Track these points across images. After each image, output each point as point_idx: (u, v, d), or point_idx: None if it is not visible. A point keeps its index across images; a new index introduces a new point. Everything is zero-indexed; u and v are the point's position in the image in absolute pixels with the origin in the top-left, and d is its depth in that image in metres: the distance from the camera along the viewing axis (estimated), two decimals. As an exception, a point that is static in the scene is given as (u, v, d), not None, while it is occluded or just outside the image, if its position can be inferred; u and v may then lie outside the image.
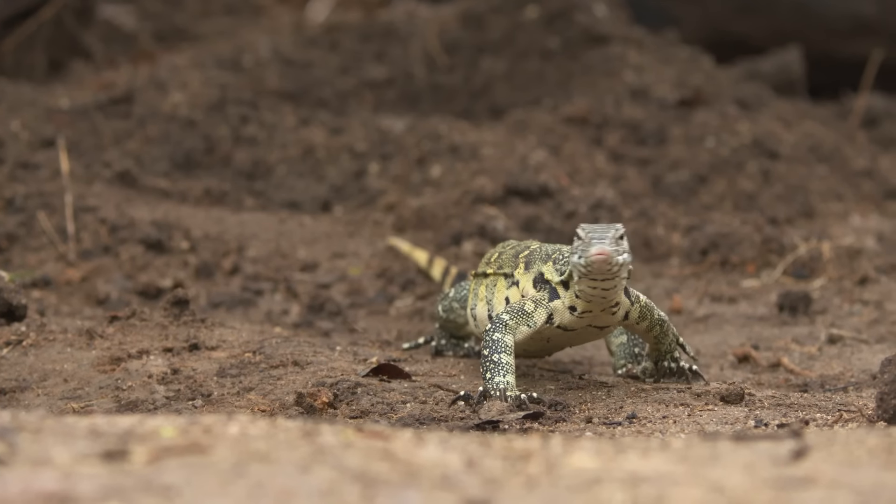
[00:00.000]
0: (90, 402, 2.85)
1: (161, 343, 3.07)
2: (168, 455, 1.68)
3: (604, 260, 2.29)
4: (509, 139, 4.98)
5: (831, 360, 3.32)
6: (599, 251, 2.28)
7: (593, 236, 2.28)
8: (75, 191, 4.44)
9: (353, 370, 2.89)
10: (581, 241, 2.30)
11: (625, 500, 1.50)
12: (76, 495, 1.46)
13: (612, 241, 2.28)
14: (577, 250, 2.30)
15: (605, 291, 2.36)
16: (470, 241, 4.42)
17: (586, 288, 2.33)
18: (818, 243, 4.27)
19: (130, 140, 5.00)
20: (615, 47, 5.47)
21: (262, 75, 5.46)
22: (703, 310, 3.96)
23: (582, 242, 2.30)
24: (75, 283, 4.05)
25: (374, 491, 1.51)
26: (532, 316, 2.37)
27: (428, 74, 5.48)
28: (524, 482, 1.60)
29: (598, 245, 2.28)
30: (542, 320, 2.37)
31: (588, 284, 2.33)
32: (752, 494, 1.53)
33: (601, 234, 2.27)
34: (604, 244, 2.28)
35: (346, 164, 5.00)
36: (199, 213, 4.60)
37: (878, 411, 2.27)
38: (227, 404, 2.78)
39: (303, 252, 4.42)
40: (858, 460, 1.76)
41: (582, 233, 2.31)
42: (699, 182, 4.91)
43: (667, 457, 1.78)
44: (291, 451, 1.73)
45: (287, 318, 3.88)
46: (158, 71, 5.33)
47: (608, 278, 2.33)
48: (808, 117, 5.38)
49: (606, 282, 2.34)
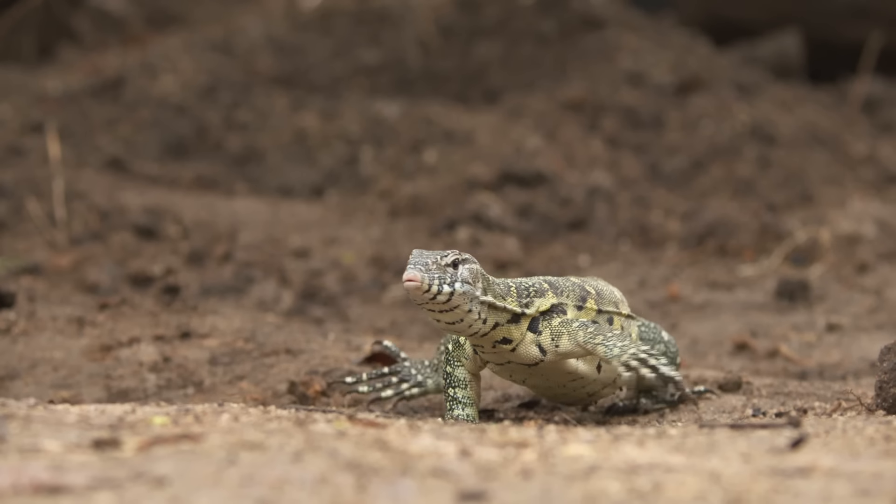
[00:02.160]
0: (80, 391, 2.83)
1: (152, 331, 3.05)
2: (159, 444, 1.67)
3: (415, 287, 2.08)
4: (504, 124, 4.95)
5: (830, 348, 3.31)
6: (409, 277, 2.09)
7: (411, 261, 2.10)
8: (65, 176, 4.41)
9: (346, 358, 2.87)
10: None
11: (621, 489, 1.49)
12: (67, 485, 1.45)
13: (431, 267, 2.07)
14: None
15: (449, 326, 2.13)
16: (464, 227, 4.40)
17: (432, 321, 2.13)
18: (817, 230, 4.26)
19: (121, 125, 4.96)
20: (611, 31, 5.44)
21: (255, 60, 5.41)
22: (700, 297, 3.94)
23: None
24: (65, 270, 4.02)
25: (368, 480, 1.50)
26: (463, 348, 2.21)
27: (422, 59, 5.45)
28: (519, 471, 1.58)
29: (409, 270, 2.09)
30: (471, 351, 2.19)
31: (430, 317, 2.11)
32: (749, 483, 1.52)
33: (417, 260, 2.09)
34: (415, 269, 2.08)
35: (339, 150, 4.98)
36: (190, 199, 4.57)
37: (877, 400, 2.26)
38: (219, 393, 2.77)
39: (295, 239, 4.39)
40: (857, 449, 1.75)
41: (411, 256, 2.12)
42: (696, 168, 4.89)
43: (663, 446, 1.77)
44: (284, 440, 1.71)
45: (279, 305, 3.86)
46: (149, 55, 5.29)
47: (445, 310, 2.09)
48: (806, 102, 5.36)
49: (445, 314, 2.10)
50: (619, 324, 2.29)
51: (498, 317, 2.16)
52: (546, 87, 5.24)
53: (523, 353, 2.19)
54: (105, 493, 1.44)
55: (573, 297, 2.23)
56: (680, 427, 2.07)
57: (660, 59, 5.32)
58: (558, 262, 4.28)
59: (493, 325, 2.16)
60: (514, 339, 2.17)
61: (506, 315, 2.17)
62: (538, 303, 2.19)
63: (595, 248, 4.43)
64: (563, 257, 4.33)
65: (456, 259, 2.13)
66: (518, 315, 2.17)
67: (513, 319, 2.17)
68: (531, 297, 2.20)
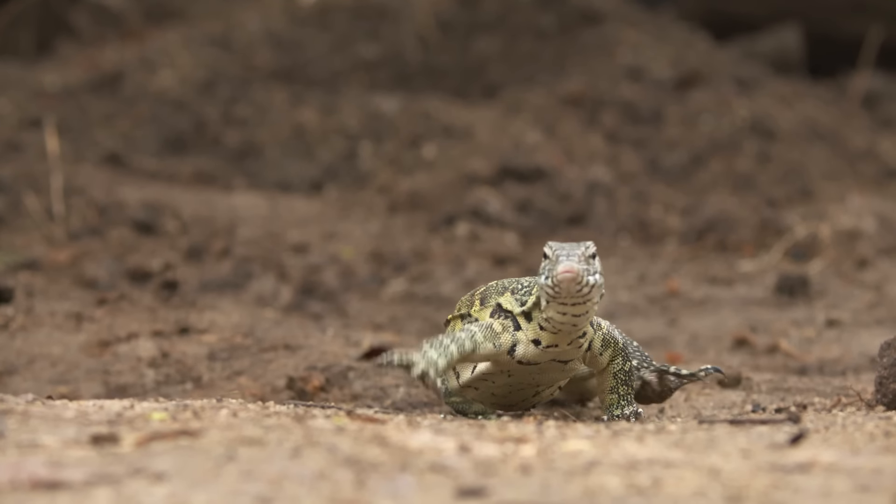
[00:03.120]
0: (78, 386, 2.82)
1: (150, 326, 3.05)
2: (158, 440, 1.66)
3: (572, 278, 2.04)
4: (503, 119, 4.95)
5: (830, 344, 3.30)
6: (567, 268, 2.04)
7: (561, 254, 2.05)
8: (63, 172, 4.40)
9: (345, 354, 2.87)
10: (548, 259, 2.06)
11: (620, 484, 1.49)
12: (65, 481, 1.44)
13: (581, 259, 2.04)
14: (543, 270, 2.06)
15: (575, 318, 2.09)
16: (463, 222, 4.39)
17: (555, 314, 2.07)
18: (817, 225, 4.25)
19: (119, 120, 4.95)
20: (610, 26, 5.43)
21: (253, 55, 5.40)
22: (699, 292, 3.94)
23: (549, 261, 2.06)
24: (63, 266, 4.01)
25: (367, 476, 1.50)
26: (500, 336, 2.13)
27: (421, 54, 5.44)
28: (518, 467, 1.58)
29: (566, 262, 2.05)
30: (508, 346, 2.12)
31: (557, 310, 2.07)
32: (749, 479, 1.51)
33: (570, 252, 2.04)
34: (572, 262, 2.05)
35: (337, 145, 4.97)
36: (188, 194, 4.56)
37: (877, 395, 2.26)
38: (218, 388, 2.76)
39: (294, 234, 4.38)
40: (857, 445, 1.75)
41: (549, 251, 2.07)
42: (696, 162, 4.89)
43: (662, 441, 1.77)
44: (283, 436, 1.71)
45: (278, 300, 3.86)
46: (147, 50, 5.28)
47: (578, 302, 2.07)
48: (806, 97, 5.35)
49: (577, 306, 2.07)
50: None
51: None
52: (545, 81, 5.23)
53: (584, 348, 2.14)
54: (103, 488, 1.43)
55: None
56: (679, 423, 2.07)
57: (659, 53, 5.31)
58: (557, 257, 4.27)
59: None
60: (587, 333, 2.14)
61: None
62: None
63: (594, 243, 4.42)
64: (563, 252, 4.32)
65: (594, 250, 2.11)
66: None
67: None
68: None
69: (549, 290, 2.08)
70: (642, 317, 3.69)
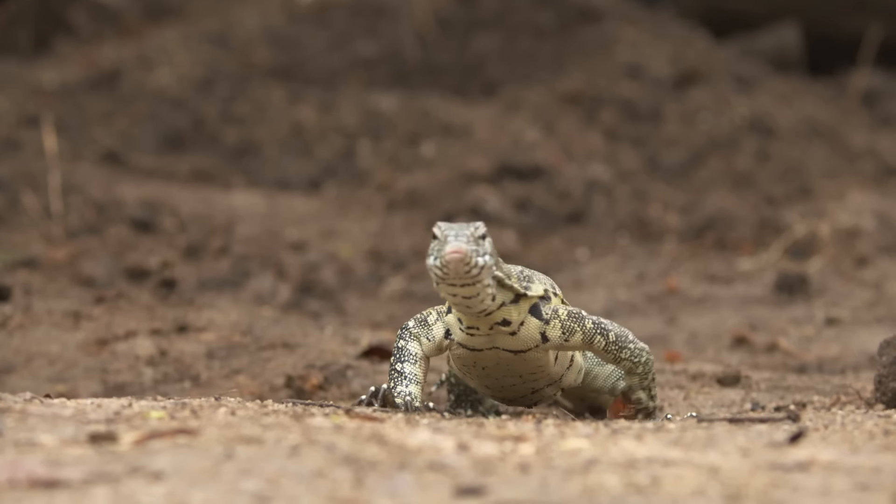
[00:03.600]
0: (76, 385, 2.82)
1: (148, 324, 3.04)
2: (156, 438, 1.66)
3: (460, 259, 2.02)
4: (502, 117, 4.94)
5: (829, 342, 3.30)
6: (455, 249, 2.01)
7: (449, 234, 2.01)
8: (61, 170, 4.39)
9: (343, 352, 2.86)
10: (437, 240, 2.03)
11: (619, 483, 1.48)
12: (63, 480, 1.44)
13: (470, 240, 2.01)
14: (432, 251, 2.02)
15: (466, 301, 2.06)
16: (462, 220, 4.38)
17: (447, 296, 2.05)
18: (816, 223, 4.25)
19: (117, 118, 4.94)
20: (609, 24, 5.42)
21: (251, 52, 5.39)
22: (698, 290, 3.93)
23: (437, 242, 2.02)
24: (61, 264, 4.01)
25: (366, 474, 1.49)
26: (431, 328, 2.14)
27: (420, 51, 5.43)
28: (517, 465, 1.58)
29: (454, 243, 2.02)
30: (441, 334, 2.13)
31: (447, 291, 2.04)
32: (748, 478, 1.51)
33: (458, 232, 2.01)
34: (461, 242, 2.02)
35: (336, 143, 4.96)
36: (186, 192, 4.56)
37: (876, 394, 2.26)
38: (216, 387, 2.76)
39: (292, 232, 4.38)
40: (856, 443, 1.75)
41: (438, 232, 2.03)
42: (695, 161, 4.88)
43: (661, 440, 1.77)
44: (281, 435, 1.70)
45: (276, 298, 3.85)
46: (145, 48, 5.27)
47: (467, 283, 2.04)
48: (805, 95, 5.34)
49: (466, 287, 2.04)
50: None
51: (504, 295, 2.11)
52: (544, 79, 5.23)
53: (524, 337, 2.13)
54: (101, 487, 1.43)
55: (548, 285, 2.19)
56: (678, 421, 2.06)
57: (658, 51, 5.31)
58: (556, 255, 4.27)
59: (499, 304, 2.10)
60: (514, 322, 2.12)
61: (510, 295, 2.11)
62: (534, 288, 2.14)
63: (593, 241, 4.42)
64: (561, 251, 4.32)
65: (485, 231, 2.09)
66: (518, 296, 2.12)
67: (514, 301, 2.12)
68: (528, 280, 2.16)
69: (438, 270, 2.05)
70: (641, 315, 3.68)
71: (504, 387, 2.23)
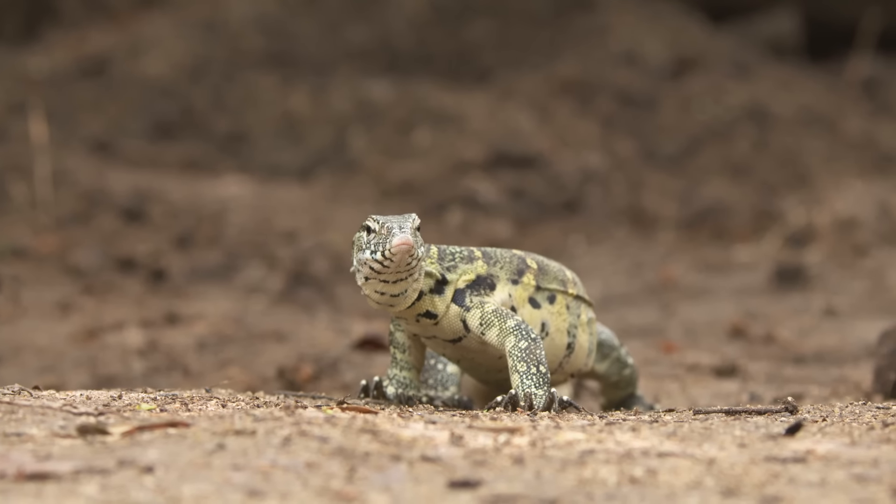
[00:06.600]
0: (65, 376, 2.79)
1: (138, 315, 3.02)
2: (146, 431, 1.64)
3: (407, 250, 1.97)
4: (496, 105, 4.91)
5: (827, 333, 3.28)
6: (403, 241, 1.97)
7: (392, 226, 1.98)
8: (50, 158, 4.35)
9: (335, 343, 2.85)
10: (374, 233, 1.99)
11: (614, 476, 1.47)
12: (52, 472, 1.42)
13: (412, 231, 1.98)
14: (369, 245, 1.99)
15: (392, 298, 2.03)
16: (456, 209, 4.37)
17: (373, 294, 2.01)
18: (814, 212, 4.24)
19: (106, 106, 4.90)
20: (605, 10, 5.39)
21: (242, 40, 5.35)
22: (695, 280, 3.92)
23: (376, 235, 1.98)
24: (50, 254, 3.98)
25: (359, 467, 1.48)
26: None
27: (413, 38, 5.39)
28: (511, 458, 1.57)
29: (400, 235, 1.97)
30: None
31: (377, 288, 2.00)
32: (745, 470, 1.50)
33: (401, 224, 1.97)
34: (406, 234, 1.98)
35: (328, 131, 4.93)
36: (176, 181, 4.52)
37: (875, 385, 2.25)
38: (207, 378, 2.74)
39: (284, 221, 4.35)
40: (854, 435, 1.74)
41: (374, 224, 2.00)
42: (691, 149, 4.87)
43: (658, 432, 1.75)
44: (273, 427, 1.68)
45: (268, 289, 3.83)
46: (135, 35, 5.22)
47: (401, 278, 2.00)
48: (804, 82, 5.32)
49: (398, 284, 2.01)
50: (564, 303, 2.14)
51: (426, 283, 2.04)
52: (539, 66, 5.20)
53: (447, 328, 2.07)
54: (91, 480, 1.41)
55: (508, 270, 2.11)
56: (675, 413, 2.05)
57: (654, 38, 5.28)
58: (551, 244, 4.25)
59: (418, 295, 2.04)
60: (439, 313, 2.06)
61: (429, 282, 2.05)
62: (463, 269, 2.07)
63: (588, 230, 4.41)
64: (556, 239, 4.30)
65: (420, 223, 2.04)
66: (441, 283, 2.06)
67: (436, 290, 2.06)
68: (455, 262, 2.08)
69: (377, 264, 2.01)
70: (637, 305, 3.67)
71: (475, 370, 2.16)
